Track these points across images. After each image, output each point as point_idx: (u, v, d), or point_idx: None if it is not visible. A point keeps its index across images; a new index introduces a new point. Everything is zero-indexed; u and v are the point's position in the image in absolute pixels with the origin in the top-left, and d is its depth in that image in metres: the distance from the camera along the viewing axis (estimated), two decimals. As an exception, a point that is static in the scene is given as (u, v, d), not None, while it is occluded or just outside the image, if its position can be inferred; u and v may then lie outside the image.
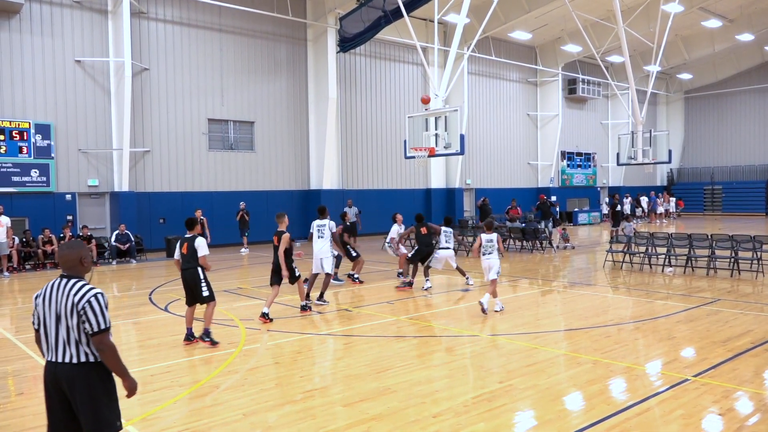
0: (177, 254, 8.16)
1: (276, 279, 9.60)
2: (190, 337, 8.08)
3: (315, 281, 11.30)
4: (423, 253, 12.60)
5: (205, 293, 7.96)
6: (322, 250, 10.94)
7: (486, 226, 10.69)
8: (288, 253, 9.45)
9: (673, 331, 8.63)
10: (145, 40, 21.61)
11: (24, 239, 17.72)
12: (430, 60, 27.57)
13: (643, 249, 15.72)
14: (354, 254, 13.37)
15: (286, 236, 9.41)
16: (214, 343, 7.88)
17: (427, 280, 12.74)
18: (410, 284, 12.78)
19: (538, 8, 27.12)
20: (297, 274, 9.69)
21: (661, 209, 35.91)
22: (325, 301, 11.03)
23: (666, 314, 9.82)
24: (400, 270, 14.12)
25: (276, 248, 9.54)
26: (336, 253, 12.25)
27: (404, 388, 6.18)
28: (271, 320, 9.47)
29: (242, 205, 21.98)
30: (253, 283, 13.90)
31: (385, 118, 28.64)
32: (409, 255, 13.01)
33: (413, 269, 12.95)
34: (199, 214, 19.51)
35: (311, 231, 11.17)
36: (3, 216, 16.31)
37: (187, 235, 8.12)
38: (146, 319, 10.13)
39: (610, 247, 16.33)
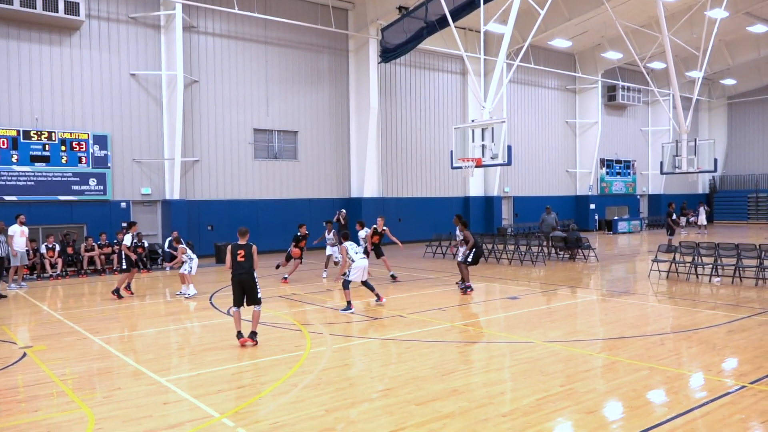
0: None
1: None
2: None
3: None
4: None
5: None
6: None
7: None
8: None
9: (726, 341, 8.78)
10: (195, 54, 22.44)
11: (64, 242, 18.29)
12: (471, 69, 27.86)
13: (689, 258, 15.74)
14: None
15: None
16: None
17: None
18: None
19: (579, 16, 27.20)
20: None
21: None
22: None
23: (717, 324, 9.95)
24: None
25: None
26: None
27: (470, 390, 6.54)
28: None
29: (343, 212, 21.21)
30: (306, 289, 14.37)
31: (424, 126, 29.05)
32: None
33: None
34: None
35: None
36: (24, 226, 15.60)
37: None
38: (213, 323, 10.67)
39: (656, 256, 16.37)
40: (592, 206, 35.81)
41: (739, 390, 6.48)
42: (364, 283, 11.60)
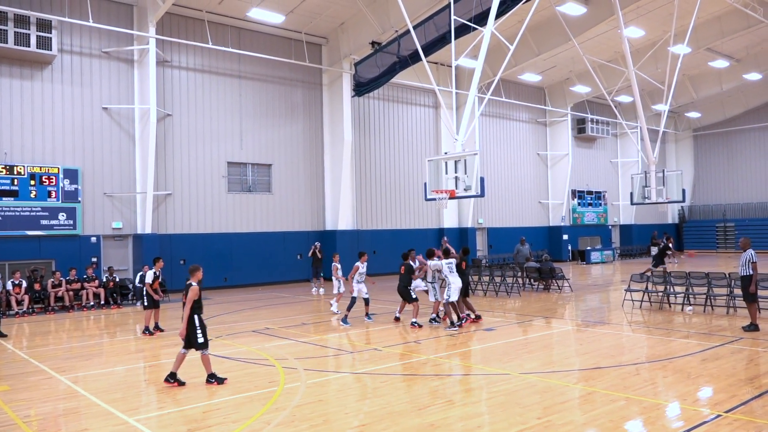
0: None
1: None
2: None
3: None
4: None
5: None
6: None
7: None
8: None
9: (700, 369, 8.84)
10: (169, 87, 22.41)
11: (31, 278, 17.79)
12: (443, 103, 28.31)
13: (661, 288, 15.91)
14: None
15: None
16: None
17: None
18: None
19: (548, 51, 27.89)
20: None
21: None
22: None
23: (690, 353, 10.02)
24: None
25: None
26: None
27: (447, 424, 6.44)
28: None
29: (318, 245, 22.48)
30: (280, 323, 14.16)
31: (398, 158, 29.25)
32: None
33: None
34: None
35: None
36: None
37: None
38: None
39: (629, 285, 16.52)
40: (565, 237, 36.22)
41: (715, 419, 6.50)
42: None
